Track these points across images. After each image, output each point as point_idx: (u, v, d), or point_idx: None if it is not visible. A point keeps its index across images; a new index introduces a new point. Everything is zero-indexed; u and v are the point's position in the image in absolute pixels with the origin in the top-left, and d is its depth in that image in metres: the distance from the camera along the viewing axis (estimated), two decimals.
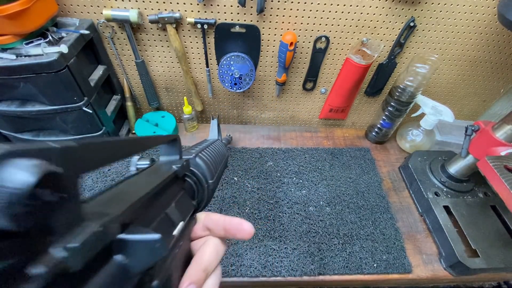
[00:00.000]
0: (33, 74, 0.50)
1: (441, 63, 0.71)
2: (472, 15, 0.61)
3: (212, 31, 0.62)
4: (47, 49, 0.49)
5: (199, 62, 0.69)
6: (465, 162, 0.63)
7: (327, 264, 0.56)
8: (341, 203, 0.67)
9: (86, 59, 0.61)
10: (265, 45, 0.66)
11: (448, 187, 0.65)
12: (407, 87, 0.68)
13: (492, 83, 0.77)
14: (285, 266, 0.55)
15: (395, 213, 0.66)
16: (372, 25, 0.63)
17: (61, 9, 0.57)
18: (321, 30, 0.63)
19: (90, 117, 0.61)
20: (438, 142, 0.80)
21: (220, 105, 0.81)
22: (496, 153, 0.53)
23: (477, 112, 0.86)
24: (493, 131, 0.55)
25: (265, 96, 0.79)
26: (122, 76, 0.71)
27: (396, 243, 0.60)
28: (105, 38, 0.63)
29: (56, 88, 0.53)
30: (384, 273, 0.56)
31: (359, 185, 0.71)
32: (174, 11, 0.59)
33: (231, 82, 0.69)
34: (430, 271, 0.57)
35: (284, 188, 0.69)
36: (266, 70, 0.71)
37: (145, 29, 0.62)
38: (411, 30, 0.64)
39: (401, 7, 0.60)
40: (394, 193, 0.71)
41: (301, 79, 0.74)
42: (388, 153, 0.82)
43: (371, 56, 0.65)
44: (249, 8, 0.59)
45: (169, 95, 0.78)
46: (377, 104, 0.82)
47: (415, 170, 0.70)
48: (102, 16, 0.57)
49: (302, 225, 0.62)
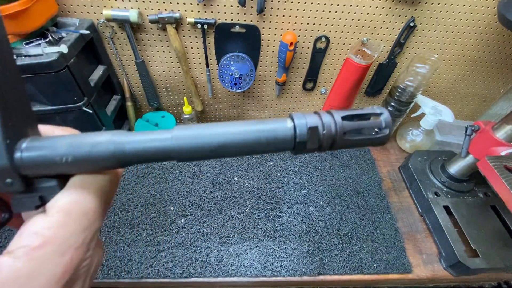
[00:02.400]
0: (33, 74, 0.50)
1: (441, 63, 0.71)
2: (472, 15, 0.61)
3: (212, 31, 0.62)
4: (47, 49, 0.49)
5: (199, 62, 0.69)
6: (465, 162, 0.63)
7: (327, 264, 0.56)
8: (341, 203, 0.67)
9: (86, 59, 0.61)
10: (265, 45, 0.66)
11: (448, 187, 0.65)
12: (407, 87, 0.68)
13: (492, 83, 0.77)
14: (285, 266, 0.55)
15: (395, 213, 0.66)
16: (372, 25, 0.63)
17: (61, 9, 0.57)
18: (321, 30, 0.63)
19: (90, 117, 0.61)
20: (438, 142, 0.80)
21: (220, 105, 0.81)
22: (496, 153, 0.53)
23: (477, 112, 0.86)
24: (493, 131, 0.55)
25: (265, 96, 0.79)
26: (122, 76, 0.71)
27: (396, 243, 0.60)
28: (105, 38, 0.63)
29: (56, 88, 0.53)
30: (384, 273, 0.56)
31: (359, 185, 0.71)
32: (174, 11, 0.59)
33: (231, 82, 0.69)
34: (430, 271, 0.57)
35: (284, 188, 0.69)
36: (266, 70, 0.71)
37: (145, 29, 0.62)
38: (411, 30, 0.64)
39: (401, 7, 0.60)
40: (394, 193, 0.71)
41: (301, 79, 0.74)
42: (388, 153, 0.82)
43: (371, 56, 0.65)
44: (249, 8, 0.59)
45: (169, 95, 0.78)
46: (377, 104, 0.82)
47: (415, 170, 0.70)
48: (102, 16, 0.57)
49: (302, 225, 0.62)
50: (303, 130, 0.17)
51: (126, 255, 0.55)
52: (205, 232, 0.59)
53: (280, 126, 0.17)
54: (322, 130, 0.17)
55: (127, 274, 0.52)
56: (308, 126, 0.17)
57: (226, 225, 0.60)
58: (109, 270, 0.52)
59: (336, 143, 0.17)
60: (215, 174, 0.70)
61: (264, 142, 0.17)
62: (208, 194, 0.66)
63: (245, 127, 0.17)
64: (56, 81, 0.52)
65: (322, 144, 0.17)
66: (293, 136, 0.17)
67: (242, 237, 0.59)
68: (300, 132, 0.17)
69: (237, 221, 0.61)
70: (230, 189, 0.67)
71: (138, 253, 0.55)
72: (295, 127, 0.17)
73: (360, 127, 0.17)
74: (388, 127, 0.17)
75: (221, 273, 0.54)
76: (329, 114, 0.17)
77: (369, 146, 0.18)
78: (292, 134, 0.17)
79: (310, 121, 0.17)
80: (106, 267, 0.53)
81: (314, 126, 0.17)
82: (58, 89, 0.54)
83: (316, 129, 0.17)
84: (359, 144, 0.18)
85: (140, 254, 0.55)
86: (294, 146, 0.17)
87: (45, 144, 0.16)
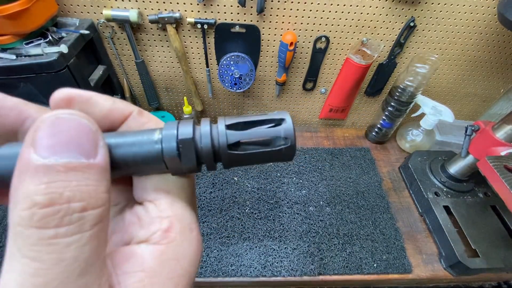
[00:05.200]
0: (33, 74, 0.50)
1: (441, 63, 0.71)
2: (472, 15, 0.61)
3: (212, 31, 0.62)
4: (47, 49, 0.49)
5: (199, 62, 0.69)
6: (465, 162, 0.63)
7: (327, 264, 0.56)
8: (341, 203, 0.67)
9: (86, 59, 0.61)
10: (265, 45, 0.66)
11: (448, 187, 0.65)
12: (407, 87, 0.68)
13: (492, 83, 0.77)
14: (285, 266, 0.55)
15: (395, 213, 0.66)
16: (372, 25, 0.63)
17: (61, 9, 0.57)
18: (321, 30, 0.63)
19: None
20: (438, 142, 0.80)
21: (220, 105, 0.81)
22: (496, 153, 0.53)
23: (477, 112, 0.86)
24: (493, 131, 0.55)
25: (265, 96, 0.79)
26: (122, 76, 0.71)
27: (396, 243, 0.60)
28: (105, 38, 0.63)
29: (56, 88, 0.53)
30: (384, 273, 0.56)
31: (359, 185, 0.71)
32: (174, 11, 0.59)
33: (231, 82, 0.69)
34: (430, 271, 0.57)
35: (284, 188, 0.69)
36: (266, 70, 0.71)
37: (145, 29, 0.62)
38: (411, 30, 0.64)
39: (401, 7, 0.60)
40: (394, 193, 0.71)
41: (301, 79, 0.74)
42: (388, 153, 0.82)
43: (371, 56, 0.65)
44: (249, 8, 0.59)
45: (169, 95, 0.78)
46: (377, 104, 0.82)
47: (415, 170, 0.70)
48: (102, 16, 0.57)
49: (302, 225, 0.62)
50: (171, 143, 0.13)
51: None
52: (205, 232, 0.59)
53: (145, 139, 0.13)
54: (199, 143, 0.14)
55: None
56: (178, 138, 0.13)
57: (226, 225, 0.60)
58: None
59: (223, 159, 0.14)
60: (215, 174, 0.70)
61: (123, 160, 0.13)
62: (208, 194, 0.66)
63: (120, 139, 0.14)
64: (56, 81, 0.52)
65: (202, 161, 0.14)
66: (159, 152, 0.13)
67: (242, 237, 0.59)
68: (167, 146, 0.13)
69: (237, 221, 0.61)
70: (230, 189, 0.67)
71: None
72: (162, 140, 0.13)
73: (251, 138, 0.14)
74: (288, 137, 0.14)
75: (221, 273, 0.54)
76: (211, 123, 0.14)
77: (273, 161, 0.15)
78: (158, 149, 0.13)
79: (183, 131, 0.14)
80: None
81: (186, 138, 0.13)
82: (58, 89, 0.54)
83: (190, 142, 0.13)
84: (255, 159, 0.14)
85: None
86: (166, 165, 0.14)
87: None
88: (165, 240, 0.13)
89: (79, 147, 0.11)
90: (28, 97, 0.55)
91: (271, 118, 0.14)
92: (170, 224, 0.14)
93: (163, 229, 0.14)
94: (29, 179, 0.10)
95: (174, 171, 0.14)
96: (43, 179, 0.10)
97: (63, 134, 0.11)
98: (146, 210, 0.14)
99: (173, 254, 0.13)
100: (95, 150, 0.11)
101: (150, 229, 0.14)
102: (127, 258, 0.13)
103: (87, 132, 0.11)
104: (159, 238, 0.13)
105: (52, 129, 0.11)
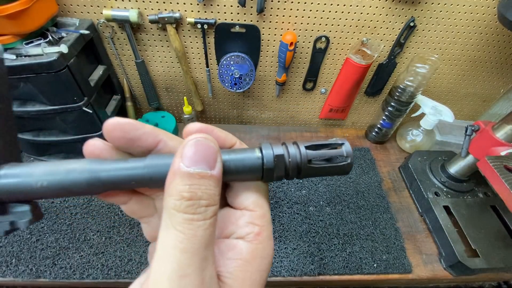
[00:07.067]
0: (33, 74, 0.50)
1: (441, 63, 0.71)
2: (472, 15, 0.61)
3: (212, 31, 0.62)
4: (47, 49, 0.49)
5: (199, 62, 0.69)
6: (465, 162, 0.63)
7: (327, 264, 0.56)
8: (341, 203, 0.67)
9: (86, 59, 0.61)
10: (265, 45, 0.66)
11: (448, 187, 0.65)
12: (407, 87, 0.68)
13: (492, 83, 0.77)
14: (285, 266, 0.55)
15: (395, 213, 0.66)
16: (372, 25, 0.63)
17: (61, 9, 0.57)
18: (321, 30, 0.63)
19: (90, 117, 0.61)
20: (438, 142, 0.80)
21: (220, 105, 0.81)
22: (496, 153, 0.53)
23: (477, 112, 0.86)
24: (493, 131, 0.55)
25: (265, 96, 0.79)
26: (122, 76, 0.71)
27: (396, 243, 0.60)
28: (105, 38, 0.63)
29: (56, 88, 0.53)
30: (384, 273, 0.56)
31: (359, 185, 0.71)
32: (174, 11, 0.59)
33: (231, 82, 0.69)
34: (430, 271, 0.57)
35: (284, 188, 0.69)
36: (266, 70, 0.71)
37: (145, 29, 0.62)
38: (411, 30, 0.64)
39: (401, 7, 0.60)
40: (394, 193, 0.71)
41: (301, 79, 0.74)
42: (388, 153, 0.82)
43: (371, 56, 0.65)
44: (249, 8, 0.59)
45: (169, 95, 0.78)
46: (377, 104, 0.82)
47: (415, 170, 0.70)
48: (102, 16, 0.57)
49: (302, 225, 0.62)
50: (270, 158, 0.18)
51: (126, 255, 0.55)
52: None
53: (249, 156, 0.18)
54: (288, 158, 0.18)
55: (127, 274, 0.52)
56: (274, 154, 0.18)
57: None
58: (109, 270, 0.52)
59: (302, 171, 0.19)
60: None
61: (233, 170, 0.18)
62: None
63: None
64: (56, 81, 0.52)
65: (289, 172, 0.19)
66: (261, 164, 0.18)
67: None
68: (267, 159, 0.18)
69: None
70: None
71: (138, 253, 0.55)
72: (263, 156, 0.18)
73: (324, 156, 0.19)
74: (349, 156, 0.19)
75: None
76: (294, 145, 0.19)
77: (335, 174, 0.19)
78: (260, 163, 0.18)
79: (277, 150, 0.18)
80: (106, 267, 0.53)
81: (280, 154, 0.18)
82: (58, 89, 0.54)
83: (282, 157, 0.18)
84: (324, 171, 0.19)
85: (140, 254, 0.55)
86: (263, 174, 0.18)
87: (22, 170, 0.16)
88: (256, 241, 0.18)
89: (207, 162, 0.16)
90: (28, 97, 0.55)
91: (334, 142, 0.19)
92: (260, 230, 0.18)
93: (255, 233, 0.18)
94: (178, 179, 0.15)
95: (266, 179, 0.19)
96: (187, 182, 0.15)
97: (199, 152, 0.16)
98: (243, 215, 0.19)
99: (261, 252, 0.18)
100: (215, 164, 0.16)
101: (245, 230, 0.18)
102: (230, 248, 0.18)
103: (213, 152, 0.16)
104: (252, 238, 0.18)
105: (193, 148, 0.16)
